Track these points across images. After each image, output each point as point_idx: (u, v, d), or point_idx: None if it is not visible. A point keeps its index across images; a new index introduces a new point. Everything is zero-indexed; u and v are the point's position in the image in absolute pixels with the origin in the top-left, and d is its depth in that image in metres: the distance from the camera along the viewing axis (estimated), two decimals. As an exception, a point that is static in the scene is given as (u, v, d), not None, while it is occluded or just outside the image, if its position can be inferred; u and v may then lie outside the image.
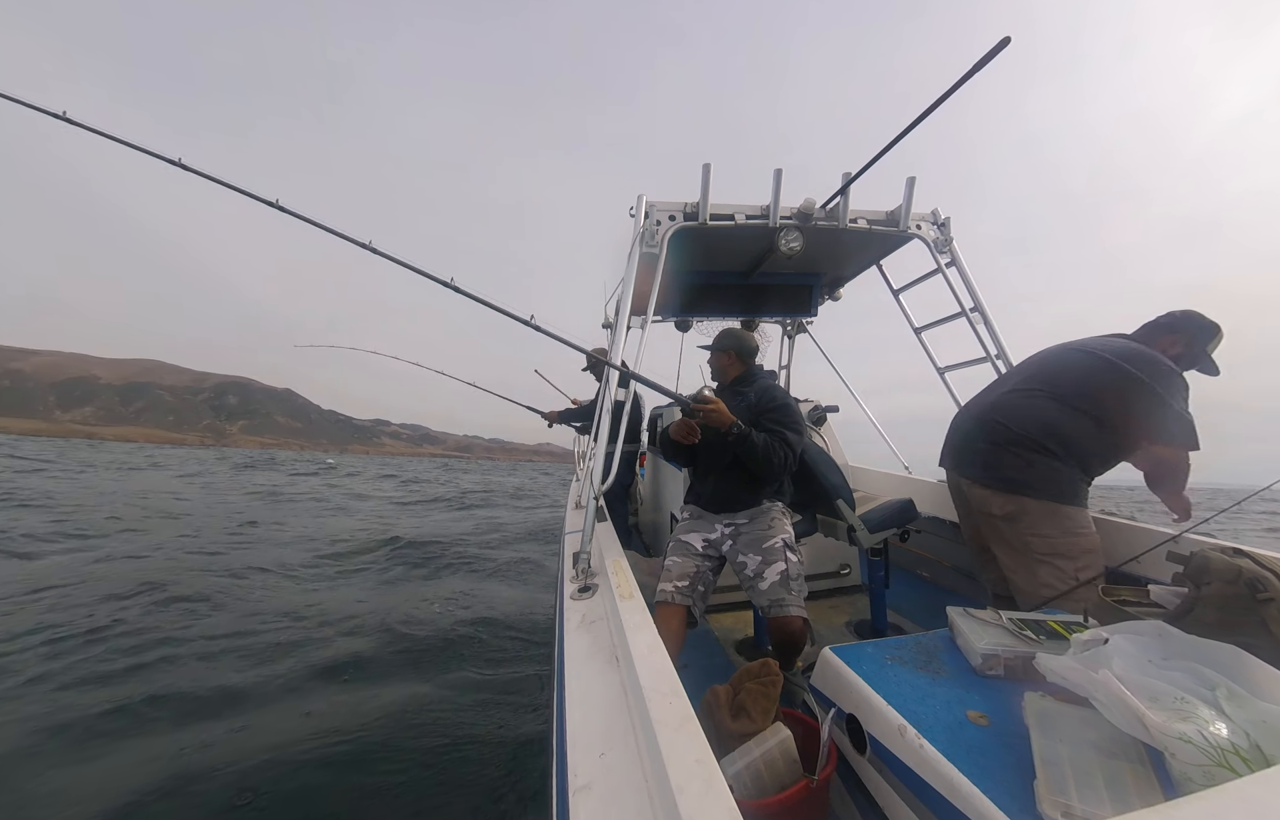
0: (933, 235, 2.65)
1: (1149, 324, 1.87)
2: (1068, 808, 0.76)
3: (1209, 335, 1.81)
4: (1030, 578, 1.76)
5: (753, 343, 2.27)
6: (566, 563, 1.84)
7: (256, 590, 5.36)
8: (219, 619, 4.43)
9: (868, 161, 2.05)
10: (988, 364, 2.64)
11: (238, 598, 5.00)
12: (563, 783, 0.86)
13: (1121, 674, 0.87)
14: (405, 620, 4.49)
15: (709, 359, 2.35)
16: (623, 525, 4.55)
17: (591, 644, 1.27)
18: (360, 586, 5.82)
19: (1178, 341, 1.81)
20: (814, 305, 3.54)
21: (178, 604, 4.68)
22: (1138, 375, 1.68)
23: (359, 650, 3.85)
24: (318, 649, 3.88)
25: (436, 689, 3.35)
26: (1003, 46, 1.35)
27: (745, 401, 2.08)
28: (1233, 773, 0.72)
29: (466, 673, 3.60)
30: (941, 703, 1.06)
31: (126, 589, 4.93)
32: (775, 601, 1.77)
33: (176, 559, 6.44)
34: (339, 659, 3.68)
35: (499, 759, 2.67)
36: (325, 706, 3.10)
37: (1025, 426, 1.82)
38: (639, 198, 2.39)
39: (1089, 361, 1.79)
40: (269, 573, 6.06)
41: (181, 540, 7.66)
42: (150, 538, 7.72)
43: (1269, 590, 1.12)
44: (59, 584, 5.06)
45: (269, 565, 6.36)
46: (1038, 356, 2.02)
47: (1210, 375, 1.85)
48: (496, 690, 3.36)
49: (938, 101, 1.59)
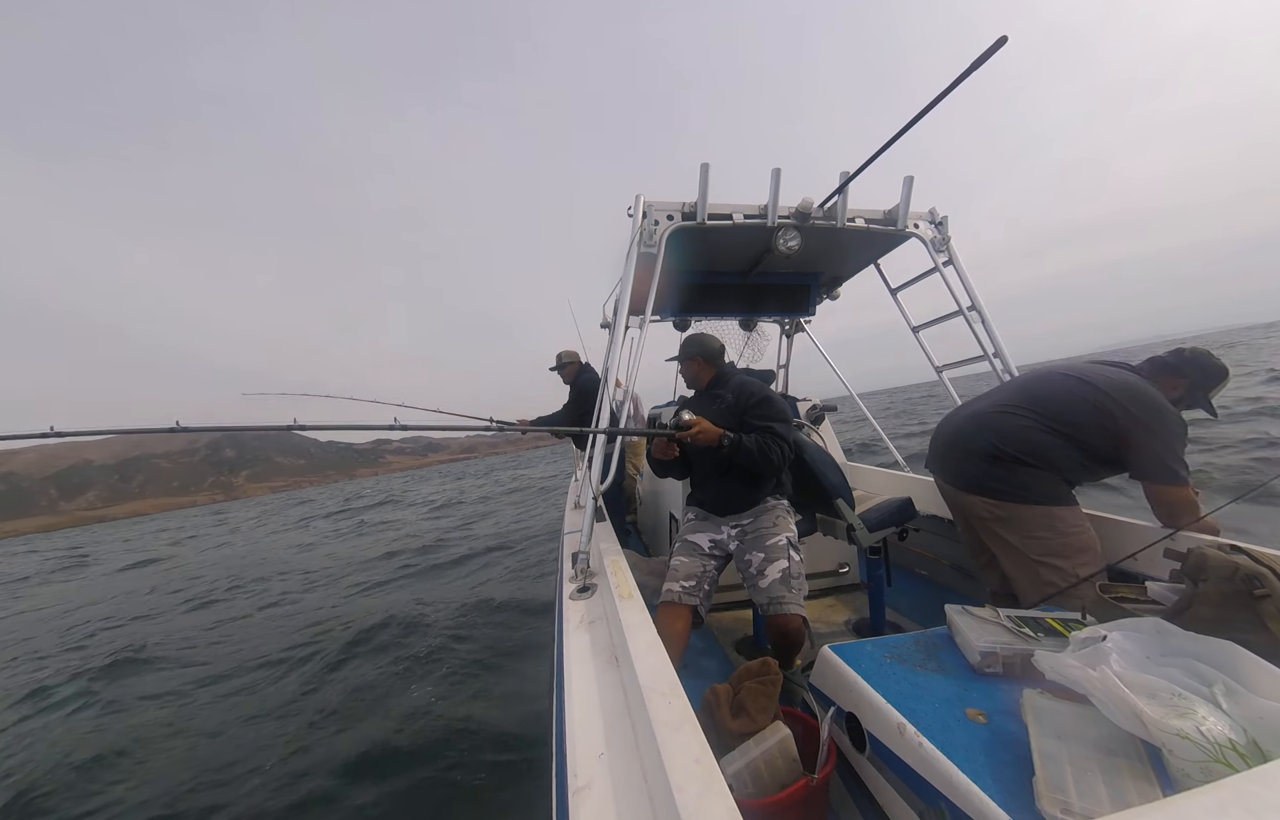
0: (930, 234, 2.65)
1: (1155, 360, 1.85)
2: (1066, 804, 0.76)
3: (1215, 380, 1.79)
4: (1033, 577, 1.76)
5: (716, 343, 2.25)
6: (566, 563, 1.83)
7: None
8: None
9: (866, 160, 2.05)
10: (985, 362, 2.65)
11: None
12: (563, 783, 0.86)
13: (1119, 671, 0.88)
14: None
15: (680, 371, 2.33)
16: (621, 525, 4.56)
17: (591, 644, 1.27)
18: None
19: (1181, 384, 1.79)
20: (812, 304, 3.54)
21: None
22: (1139, 417, 1.67)
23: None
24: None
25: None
26: (1000, 45, 1.35)
27: (724, 403, 2.07)
28: (1230, 769, 0.72)
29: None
30: (940, 701, 1.06)
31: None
32: (774, 599, 1.77)
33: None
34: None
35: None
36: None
37: (1009, 446, 1.82)
38: (637, 197, 2.38)
39: (1084, 391, 1.78)
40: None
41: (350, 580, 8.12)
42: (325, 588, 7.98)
43: (1266, 586, 1.12)
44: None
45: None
46: (1030, 377, 2.02)
47: (1210, 417, 1.84)
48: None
49: (936, 100, 1.60)
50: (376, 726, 3.27)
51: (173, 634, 6.37)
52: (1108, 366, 1.84)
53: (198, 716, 3.85)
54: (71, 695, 4.55)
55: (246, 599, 7.90)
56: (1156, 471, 1.68)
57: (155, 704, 4.19)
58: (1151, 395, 1.70)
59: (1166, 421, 1.67)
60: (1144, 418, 1.67)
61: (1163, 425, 1.66)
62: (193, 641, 5.93)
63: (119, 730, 3.77)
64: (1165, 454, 1.66)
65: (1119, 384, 1.74)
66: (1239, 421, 8.55)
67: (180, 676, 4.77)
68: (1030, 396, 1.89)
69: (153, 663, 5.24)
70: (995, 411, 1.95)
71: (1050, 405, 1.82)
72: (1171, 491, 1.68)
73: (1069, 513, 1.76)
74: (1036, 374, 2.00)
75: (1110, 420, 1.71)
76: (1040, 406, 1.83)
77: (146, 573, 13.38)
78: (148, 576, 12.53)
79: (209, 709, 3.97)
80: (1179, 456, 1.66)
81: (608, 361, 2.42)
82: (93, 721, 4.02)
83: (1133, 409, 1.68)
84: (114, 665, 5.17)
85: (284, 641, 5.30)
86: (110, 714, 4.11)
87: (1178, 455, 1.66)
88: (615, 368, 2.39)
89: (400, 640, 4.69)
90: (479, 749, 2.88)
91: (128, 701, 4.29)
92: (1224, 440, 7.22)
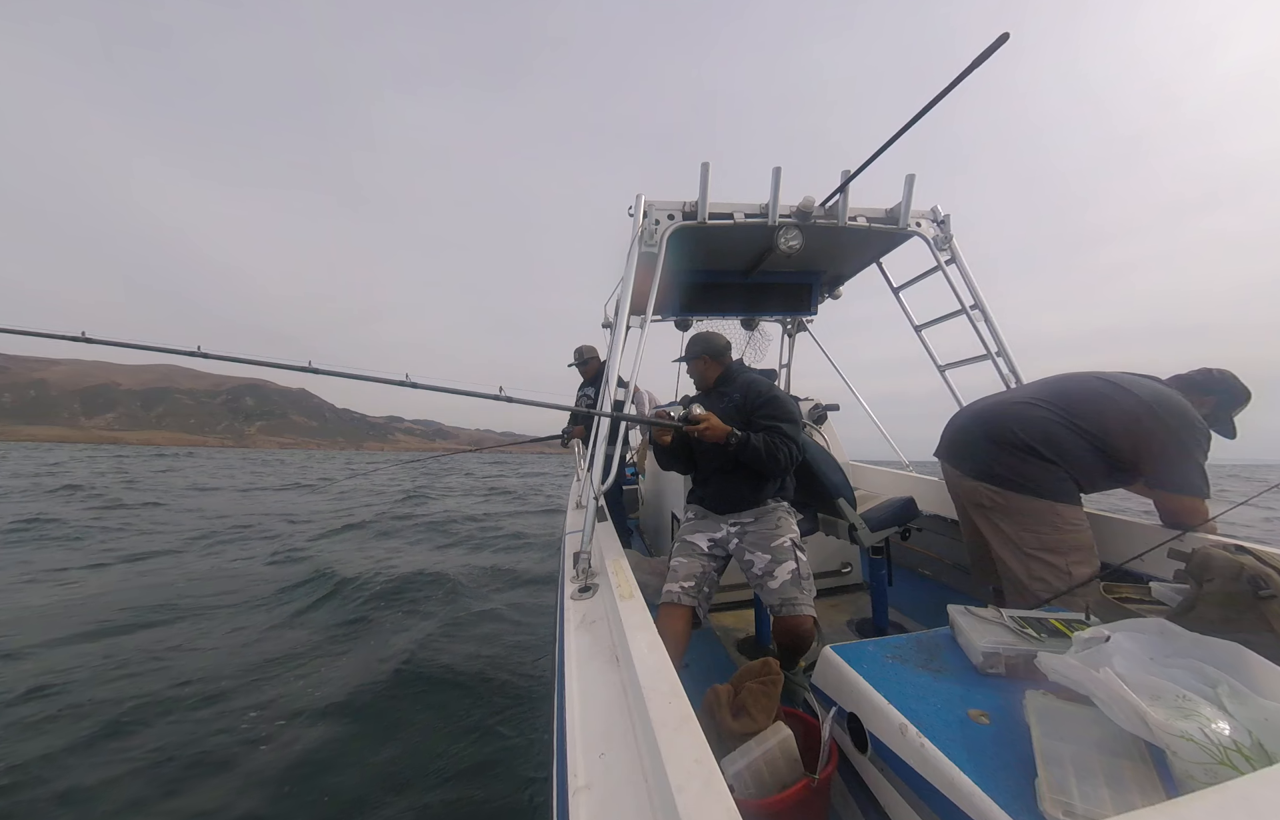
0: (932, 233, 2.64)
1: (1182, 377, 1.86)
2: (1069, 806, 0.76)
3: (1240, 401, 1.81)
4: (1024, 571, 1.77)
5: (721, 340, 2.24)
6: (567, 563, 1.83)
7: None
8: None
9: (867, 159, 2.04)
10: (988, 361, 2.64)
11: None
12: (563, 783, 0.86)
13: (1123, 672, 0.87)
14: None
15: (687, 371, 2.33)
16: (623, 525, 4.56)
17: (591, 644, 1.27)
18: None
19: (1209, 402, 1.80)
20: (814, 303, 3.54)
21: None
22: (1170, 425, 1.68)
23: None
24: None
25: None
26: (1001, 42, 1.35)
27: (731, 402, 2.06)
28: (1235, 770, 0.71)
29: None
30: (943, 701, 1.06)
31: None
32: (787, 600, 1.76)
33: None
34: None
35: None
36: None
37: (1027, 434, 1.83)
38: (638, 197, 2.38)
39: (1116, 393, 1.78)
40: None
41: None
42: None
43: (1271, 587, 1.12)
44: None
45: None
46: (1057, 379, 2.03)
47: (1227, 438, 1.85)
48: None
49: (936, 98, 1.59)
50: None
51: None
52: (1141, 377, 1.85)
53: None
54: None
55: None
56: (1179, 481, 1.70)
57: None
58: (1185, 406, 1.71)
59: (1197, 433, 1.68)
60: (1175, 426, 1.68)
61: (1193, 436, 1.68)
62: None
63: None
64: (1189, 465, 1.67)
65: (1152, 392, 1.75)
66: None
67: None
68: (1058, 393, 1.89)
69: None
70: (1017, 403, 1.96)
71: (1077, 404, 1.82)
72: (1189, 502, 1.69)
73: (1071, 511, 1.76)
74: (1069, 375, 2.00)
75: (1139, 425, 1.71)
76: (1066, 403, 1.84)
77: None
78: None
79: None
80: (1201, 468, 1.68)
81: (609, 361, 2.42)
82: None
83: (1166, 417, 1.69)
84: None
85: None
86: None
87: (1200, 467, 1.68)
88: (617, 367, 2.39)
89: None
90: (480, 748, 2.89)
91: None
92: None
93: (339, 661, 3.65)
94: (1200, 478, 1.67)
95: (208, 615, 4.61)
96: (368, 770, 2.52)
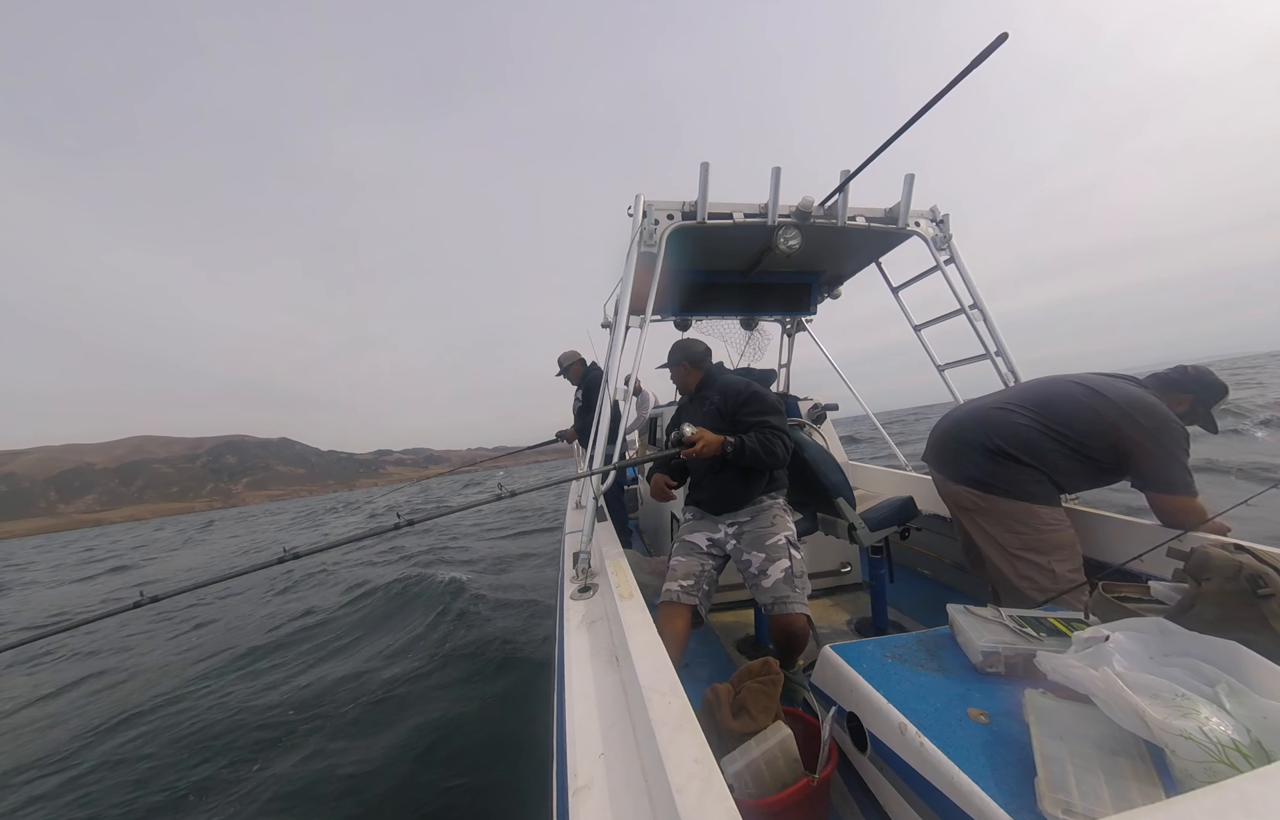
0: (931, 232, 2.65)
1: (1159, 376, 1.89)
2: (1068, 805, 0.76)
3: (1217, 396, 1.83)
4: (1012, 572, 1.82)
5: (700, 346, 2.27)
6: (567, 563, 1.83)
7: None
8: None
9: (866, 159, 2.04)
10: (987, 361, 2.64)
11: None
12: (563, 782, 0.86)
13: (1122, 671, 0.87)
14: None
15: (671, 378, 2.35)
16: (622, 525, 4.57)
17: (591, 644, 1.27)
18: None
19: (1186, 400, 1.83)
20: (813, 303, 3.54)
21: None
22: (1146, 427, 1.71)
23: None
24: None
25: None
26: (1000, 42, 1.35)
27: (711, 405, 2.09)
28: (1234, 769, 0.71)
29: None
30: (942, 700, 1.06)
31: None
32: (779, 598, 1.77)
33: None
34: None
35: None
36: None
37: (1003, 439, 1.87)
38: (637, 197, 2.38)
39: (1090, 399, 1.81)
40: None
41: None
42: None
43: (1269, 586, 1.12)
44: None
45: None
46: (1037, 381, 2.08)
47: (1210, 433, 1.87)
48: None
49: (936, 98, 1.59)
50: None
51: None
52: (1116, 379, 1.88)
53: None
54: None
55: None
56: (1163, 482, 1.72)
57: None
58: (1158, 407, 1.74)
59: (1173, 433, 1.71)
60: (1151, 428, 1.70)
61: (1170, 436, 1.70)
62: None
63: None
64: (1171, 465, 1.69)
65: (1126, 396, 1.77)
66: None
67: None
68: (1033, 398, 1.93)
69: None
70: (995, 409, 2.00)
71: (1053, 409, 1.86)
72: (1178, 501, 1.71)
73: (1048, 511, 1.81)
74: (1044, 380, 2.05)
75: (1115, 430, 1.74)
76: (1042, 408, 1.87)
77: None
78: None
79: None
80: (1184, 467, 1.69)
81: (609, 362, 2.42)
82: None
83: (1141, 420, 1.72)
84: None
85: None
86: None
87: (1183, 465, 1.69)
88: (618, 367, 2.39)
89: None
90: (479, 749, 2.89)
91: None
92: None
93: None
94: (1184, 476, 1.69)
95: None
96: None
